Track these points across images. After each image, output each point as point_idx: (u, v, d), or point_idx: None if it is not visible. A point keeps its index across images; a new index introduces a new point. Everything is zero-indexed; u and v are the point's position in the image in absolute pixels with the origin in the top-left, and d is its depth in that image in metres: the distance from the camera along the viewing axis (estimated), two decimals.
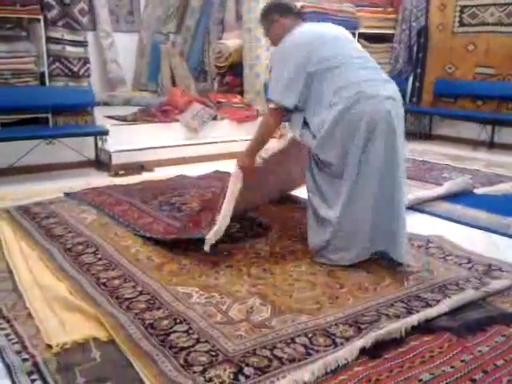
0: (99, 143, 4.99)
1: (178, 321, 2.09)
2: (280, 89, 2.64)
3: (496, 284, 2.41)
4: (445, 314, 2.14)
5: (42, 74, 4.85)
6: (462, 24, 6.66)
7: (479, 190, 4.19)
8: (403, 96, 7.01)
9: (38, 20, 4.78)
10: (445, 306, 2.18)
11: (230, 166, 4.80)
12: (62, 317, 2.11)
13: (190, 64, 7.30)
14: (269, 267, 2.65)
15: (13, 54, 4.67)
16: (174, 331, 2.01)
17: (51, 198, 3.85)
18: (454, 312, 2.17)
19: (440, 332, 2.02)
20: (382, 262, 2.69)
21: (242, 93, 6.53)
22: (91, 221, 3.36)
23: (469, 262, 2.75)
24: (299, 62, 2.61)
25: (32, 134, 4.59)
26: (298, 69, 2.61)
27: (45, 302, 2.25)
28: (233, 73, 6.79)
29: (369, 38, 7.08)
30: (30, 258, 2.75)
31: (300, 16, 2.98)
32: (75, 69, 4.96)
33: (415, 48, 7.10)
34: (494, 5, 6.29)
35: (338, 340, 1.95)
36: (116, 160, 4.90)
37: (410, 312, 2.17)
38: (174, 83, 7.22)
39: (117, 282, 2.46)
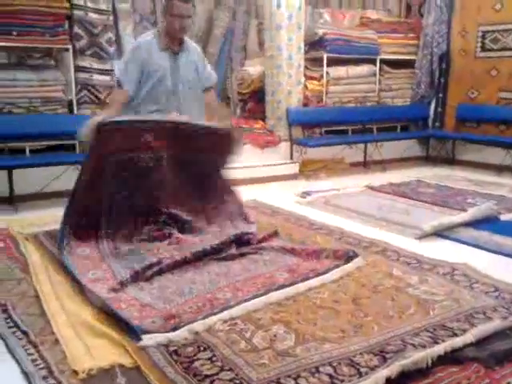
0: None
1: (202, 348, 2.09)
2: None
3: None
4: (471, 344, 2.11)
5: (70, 102, 5.00)
6: (484, 49, 6.65)
7: (505, 216, 4.14)
8: (426, 121, 7.19)
9: (67, 49, 4.95)
10: (471, 335, 2.15)
11: (253, 192, 4.87)
12: (87, 342, 2.14)
13: None
14: (292, 295, 2.64)
15: (42, 83, 4.84)
16: (198, 358, 2.02)
17: None
18: (480, 342, 2.13)
19: (467, 362, 1.98)
20: (408, 290, 2.67)
21: (264, 119, 6.60)
22: None
23: (496, 291, 2.70)
24: None
25: (60, 160, 4.71)
26: None
27: (71, 327, 2.28)
28: (255, 99, 6.88)
29: (391, 64, 7.12)
30: (57, 283, 2.80)
31: None
32: (102, 96, 5.09)
33: (437, 73, 7.11)
34: None
35: (362, 370, 1.93)
36: None
37: (435, 342, 2.13)
38: None
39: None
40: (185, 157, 3.41)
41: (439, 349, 2.03)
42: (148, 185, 3.29)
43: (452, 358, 2.02)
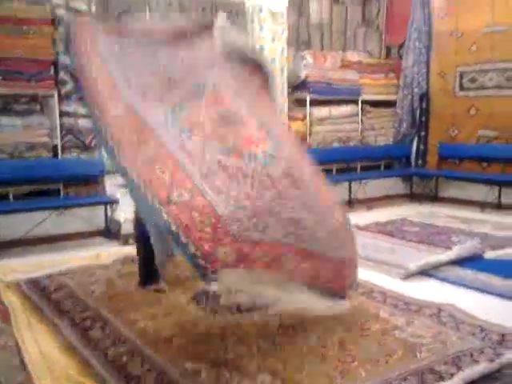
0: (109, 212, 5.06)
1: None
2: None
3: (511, 355, 2.36)
4: None
5: (55, 147, 5.00)
6: (462, 88, 6.83)
7: (489, 254, 4.17)
8: (408, 159, 7.28)
9: (52, 95, 4.98)
10: (458, 379, 2.15)
11: None
12: None
13: None
14: (279, 340, 2.61)
15: (27, 128, 4.84)
16: None
17: (61, 269, 3.86)
18: None
19: None
20: (395, 333, 2.66)
21: None
22: (99, 293, 3.36)
23: (482, 331, 2.70)
24: None
25: (44, 205, 4.69)
26: None
27: (53, 379, 2.23)
28: None
29: (372, 104, 7.26)
30: (39, 332, 2.75)
31: None
32: (87, 141, 5.10)
33: (418, 112, 7.27)
34: (494, 70, 6.48)
35: None
36: (126, 229, 4.93)
37: None
38: None
39: (125, 358, 2.43)
40: None
41: None
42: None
43: None
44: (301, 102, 6.73)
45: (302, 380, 2.20)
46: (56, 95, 4.97)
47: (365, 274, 3.74)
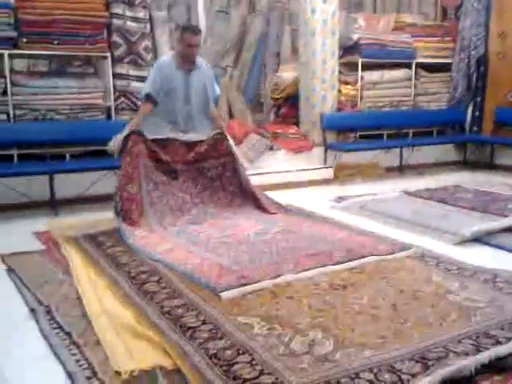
0: None
1: (241, 351, 2.10)
2: None
3: None
4: None
5: (109, 109, 5.10)
6: None
7: None
8: (463, 125, 7.05)
9: (106, 57, 5.06)
10: None
11: (287, 197, 4.87)
12: (129, 344, 2.17)
13: (246, 96, 7.46)
14: (329, 299, 2.63)
15: (82, 90, 4.96)
16: (237, 362, 2.03)
17: (116, 226, 3.98)
18: None
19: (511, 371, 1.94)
20: (449, 297, 2.63)
21: (297, 124, 6.59)
22: None
23: None
24: None
25: (98, 165, 4.81)
26: None
27: (113, 329, 2.32)
28: (289, 104, 6.88)
29: (426, 68, 7.02)
30: (98, 285, 2.86)
31: None
32: (139, 103, 5.16)
33: (474, 76, 6.98)
34: None
35: (404, 376, 1.91)
36: None
37: (478, 350, 2.09)
38: (231, 116, 7.38)
39: (180, 310, 2.50)
40: (198, 166, 4.24)
41: (483, 357, 1.99)
42: (172, 190, 4.10)
43: (496, 367, 1.97)
44: (352, 66, 6.58)
45: (353, 338, 2.21)
46: (109, 57, 5.04)
47: (416, 239, 3.71)
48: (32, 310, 2.57)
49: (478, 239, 3.69)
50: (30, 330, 2.39)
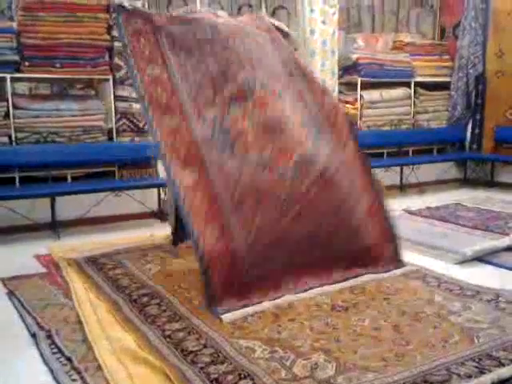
0: (162, 195, 5.16)
1: (243, 376, 2.09)
2: None
3: None
4: None
5: (110, 130, 5.13)
6: None
7: None
8: (462, 143, 7.07)
9: (107, 80, 5.10)
10: None
11: None
12: (130, 369, 2.16)
13: None
14: (331, 321, 2.62)
15: (84, 112, 4.99)
16: None
17: (118, 248, 3.98)
18: None
19: None
20: (451, 318, 2.62)
21: None
22: (155, 272, 3.45)
23: None
24: None
25: (100, 187, 4.82)
26: None
27: (113, 353, 2.31)
28: None
29: (426, 87, 7.07)
30: (99, 308, 2.85)
31: None
32: (140, 124, 5.21)
33: (473, 94, 7.03)
34: None
35: None
36: None
37: (482, 372, 2.08)
38: None
39: (181, 334, 2.50)
40: None
41: (486, 379, 1.98)
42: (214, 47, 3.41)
43: None
44: (351, 86, 6.62)
45: (356, 361, 2.20)
46: (111, 80, 5.09)
47: (417, 259, 3.70)
48: (33, 335, 2.56)
49: (480, 258, 3.68)
50: (31, 356, 2.38)
